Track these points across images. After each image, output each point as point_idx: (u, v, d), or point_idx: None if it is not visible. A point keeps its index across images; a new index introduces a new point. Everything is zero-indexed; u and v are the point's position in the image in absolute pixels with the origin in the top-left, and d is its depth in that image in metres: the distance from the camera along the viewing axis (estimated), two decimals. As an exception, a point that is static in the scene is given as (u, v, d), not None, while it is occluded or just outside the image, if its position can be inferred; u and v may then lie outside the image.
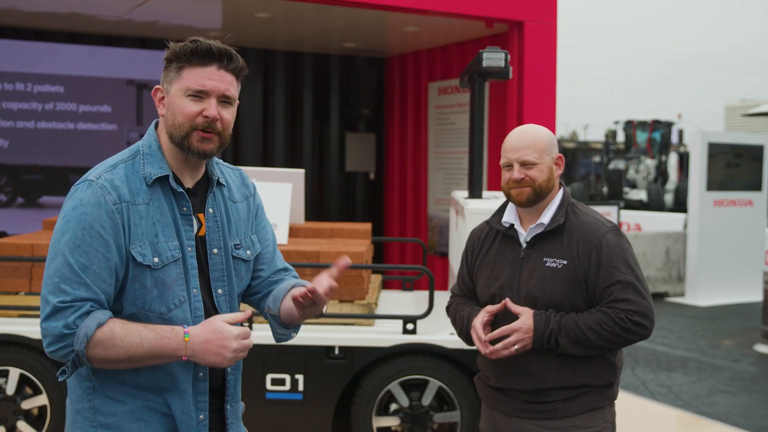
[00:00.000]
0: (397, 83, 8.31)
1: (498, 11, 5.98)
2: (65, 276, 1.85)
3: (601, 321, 2.44)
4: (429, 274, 4.39)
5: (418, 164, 8.01)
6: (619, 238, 2.52)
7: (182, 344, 1.89)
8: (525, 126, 2.67)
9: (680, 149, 22.72)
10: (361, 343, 4.25)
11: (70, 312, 1.84)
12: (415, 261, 7.85)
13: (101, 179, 1.93)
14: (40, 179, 7.29)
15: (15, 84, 7.17)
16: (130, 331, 1.87)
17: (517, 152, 2.56)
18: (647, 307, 2.47)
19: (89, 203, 1.89)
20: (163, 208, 1.97)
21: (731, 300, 10.53)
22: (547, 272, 2.52)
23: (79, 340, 1.83)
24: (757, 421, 5.64)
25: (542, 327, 2.46)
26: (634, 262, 2.51)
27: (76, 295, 1.84)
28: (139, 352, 1.86)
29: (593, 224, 2.54)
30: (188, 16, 6.70)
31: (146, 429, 1.96)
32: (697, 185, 10.55)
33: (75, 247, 1.86)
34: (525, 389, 2.56)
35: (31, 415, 4.27)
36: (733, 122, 57.27)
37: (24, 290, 4.44)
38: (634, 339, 2.49)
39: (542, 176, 2.55)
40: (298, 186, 5.05)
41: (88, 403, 1.97)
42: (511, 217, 2.65)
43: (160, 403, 1.97)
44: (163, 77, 2.02)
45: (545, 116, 6.06)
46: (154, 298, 1.93)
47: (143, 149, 2.02)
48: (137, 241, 1.91)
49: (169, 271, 1.94)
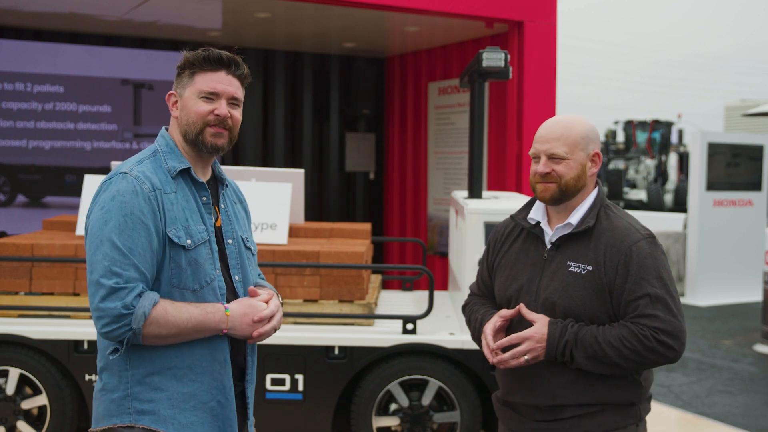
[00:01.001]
0: (397, 83, 8.31)
1: (498, 11, 5.98)
2: (115, 259, 2.01)
3: (623, 337, 2.20)
4: (429, 274, 4.39)
5: (418, 164, 8.01)
6: (653, 248, 2.27)
7: (224, 318, 2.12)
8: (562, 116, 2.41)
9: (680, 149, 22.72)
10: (360, 343, 4.25)
11: (126, 293, 2.00)
12: (414, 261, 7.85)
13: (134, 171, 2.11)
14: (37, 179, 7.29)
15: (15, 84, 7.17)
16: (180, 309, 2.06)
17: (546, 143, 2.34)
18: (677, 327, 2.21)
19: (127, 192, 2.06)
20: (188, 197, 2.17)
21: (731, 300, 10.53)
22: (570, 278, 2.29)
23: (137, 319, 2.00)
24: (757, 421, 5.64)
25: (556, 337, 2.24)
26: (667, 275, 2.26)
27: (128, 276, 2.01)
28: (188, 327, 2.06)
29: (625, 229, 2.30)
30: (188, 16, 6.70)
31: (181, 416, 2.10)
32: (696, 185, 10.55)
33: (120, 233, 2.02)
34: (536, 405, 2.34)
35: (31, 415, 4.27)
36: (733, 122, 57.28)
37: (24, 290, 4.44)
38: (659, 361, 2.22)
39: (571, 173, 2.32)
40: (298, 186, 5.05)
41: (124, 392, 2.09)
42: (538, 214, 2.43)
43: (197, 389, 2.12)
44: (177, 83, 2.24)
45: (545, 116, 6.03)
46: (188, 276, 2.11)
47: (161, 148, 2.22)
48: (172, 224, 2.10)
49: (201, 252, 2.13)
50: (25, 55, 7.15)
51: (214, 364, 2.14)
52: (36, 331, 4.21)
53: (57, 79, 7.29)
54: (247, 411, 2.30)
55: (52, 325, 4.27)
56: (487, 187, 6.55)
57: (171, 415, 2.09)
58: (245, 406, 2.29)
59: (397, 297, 5.36)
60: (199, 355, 2.12)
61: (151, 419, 2.08)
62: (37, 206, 7.37)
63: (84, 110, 7.39)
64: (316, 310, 4.43)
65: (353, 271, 4.45)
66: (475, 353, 4.23)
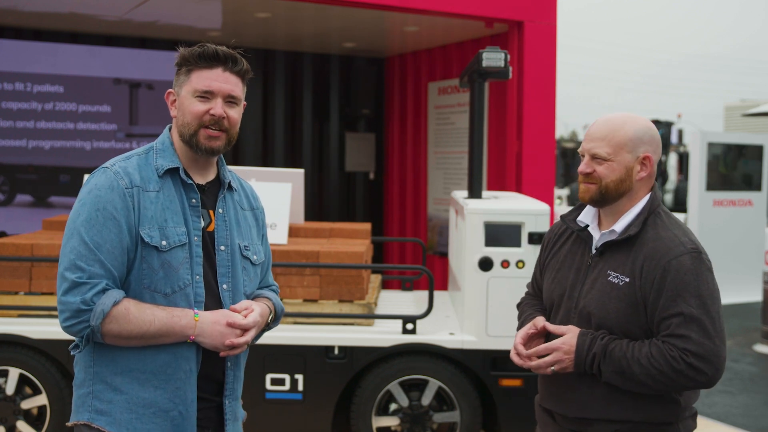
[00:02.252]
0: (397, 83, 8.31)
1: (498, 11, 5.98)
2: (81, 253, 1.98)
3: (651, 356, 2.08)
4: (428, 274, 4.39)
5: (418, 164, 8.01)
6: (697, 264, 2.11)
7: (192, 323, 2.04)
8: (616, 114, 2.28)
9: (680, 149, 22.71)
10: (360, 343, 4.25)
11: (87, 288, 1.96)
12: (414, 261, 7.85)
13: (115, 166, 2.08)
14: (34, 178, 7.29)
15: (15, 84, 7.17)
16: (143, 310, 2.00)
17: (590, 142, 2.24)
18: (711, 351, 2.06)
19: (103, 187, 2.03)
20: (172, 198, 2.10)
21: (731, 300, 10.51)
22: (607, 287, 2.19)
23: (95, 316, 1.95)
24: (756, 421, 5.64)
25: (585, 349, 2.16)
26: (709, 295, 2.09)
27: (92, 271, 1.97)
28: (151, 330, 2.00)
29: (669, 241, 2.15)
30: (188, 16, 6.70)
31: (137, 422, 2.04)
32: (696, 185, 10.55)
33: (90, 227, 1.99)
34: (568, 415, 2.28)
35: (31, 415, 4.27)
36: (733, 122, 57.27)
37: (24, 290, 4.44)
38: (688, 385, 2.10)
39: (612, 175, 2.20)
40: (298, 186, 5.05)
41: (88, 389, 2.07)
42: (588, 218, 2.34)
43: (158, 397, 2.05)
44: (175, 81, 2.18)
45: (545, 116, 6.06)
46: (160, 278, 2.04)
47: (156, 146, 2.17)
48: (146, 223, 2.04)
49: (176, 255, 2.06)
50: (25, 55, 7.15)
51: (178, 372, 2.06)
52: (36, 331, 4.21)
53: (57, 79, 7.28)
54: (225, 427, 2.17)
55: (52, 325, 4.27)
56: (487, 187, 6.55)
57: (127, 419, 2.03)
58: (222, 421, 2.17)
59: (397, 297, 5.36)
60: (163, 361, 2.04)
61: (106, 420, 2.03)
62: (37, 206, 7.37)
63: (84, 110, 7.40)
64: (316, 310, 4.43)
65: (353, 271, 4.45)
66: (475, 353, 4.23)
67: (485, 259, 4.19)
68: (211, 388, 2.15)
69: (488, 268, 4.19)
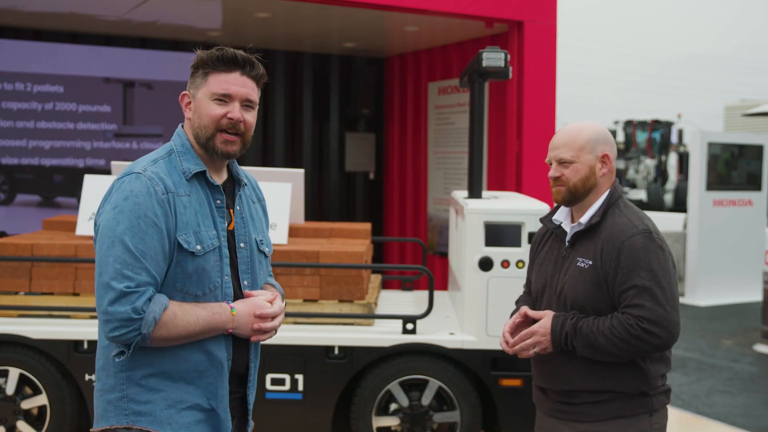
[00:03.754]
0: (397, 83, 8.31)
1: (498, 11, 5.98)
2: (127, 262, 1.97)
3: (612, 326, 2.38)
4: (429, 274, 4.39)
5: (418, 164, 8.01)
6: (647, 242, 2.41)
7: (230, 317, 2.10)
8: (573, 123, 2.61)
9: (680, 149, 22.71)
10: (360, 343, 4.25)
11: (136, 297, 1.97)
12: (414, 261, 7.85)
13: (147, 171, 2.06)
14: (31, 178, 7.29)
15: (15, 84, 7.17)
16: (188, 312, 2.04)
17: (554, 150, 2.55)
18: (662, 315, 2.35)
19: (141, 193, 2.01)
20: (201, 201, 2.12)
21: (731, 300, 10.53)
22: (576, 272, 2.49)
23: (147, 324, 1.97)
24: (756, 421, 5.64)
25: (558, 329, 2.46)
26: (659, 267, 2.39)
27: (139, 280, 1.98)
28: (196, 329, 2.05)
29: (623, 225, 2.46)
30: (188, 15, 6.70)
31: (177, 416, 2.08)
32: (696, 185, 10.55)
33: (133, 235, 1.98)
34: (555, 389, 2.57)
35: (31, 415, 4.27)
36: (733, 122, 57.25)
37: (24, 290, 4.44)
38: (645, 348, 2.38)
39: (577, 176, 2.51)
40: (298, 186, 5.05)
41: (120, 393, 2.07)
42: (561, 216, 2.64)
43: (191, 393, 2.10)
44: (190, 83, 2.17)
45: (545, 116, 6.06)
46: (193, 282, 2.08)
47: (177, 148, 2.16)
48: (183, 229, 2.06)
49: (209, 258, 2.10)
50: (25, 55, 7.14)
51: (211, 369, 2.12)
52: (36, 331, 4.21)
53: (57, 79, 7.28)
54: (247, 416, 2.29)
55: (52, 325, 4.28)
56: (487, 187, 6.55)
57: (167, 415, 2.07)
58: (245, 411, 2.28)
59: (397, 297, 5.36)
60: (197, 360, 2.10)
61: (148, 420, 2.06)
62: (39, 206, 7.37)
63: (84, 110, 7.39)
64: (316, 310, 4.43)
65: (353, 271, 4.45)
66: (475, 353, 4.23)
67: (485, 259, 4.19)
68: (236, 381, 2.22)
69: (488, 268, 4.20)
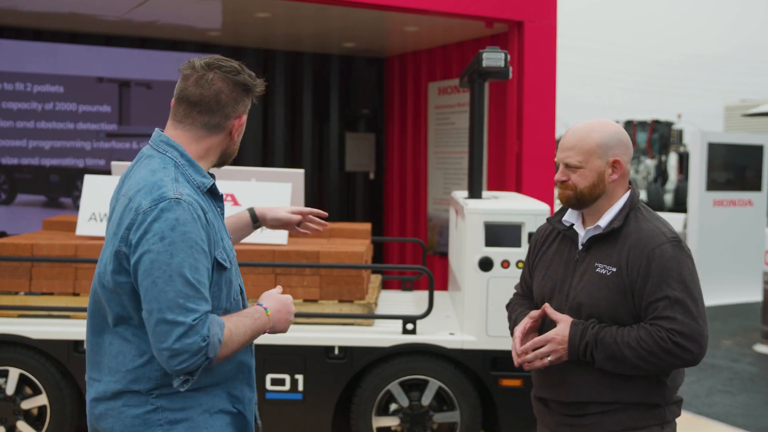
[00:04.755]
0: (397, 83, 8.31)
1: (498, 11, 5.98)
2: (189, 295, 1.94)
3: (640, 338, 2.22)
4: (429, 274, 4.39)
5: (418, 164, 8.01)
6: (677, 251, 2.27)
7: (267, 319, 2.13)
8: (585, 122, 2.42)
9: (680, 149, 22.71)
10: (360, 343, 4.25)
11: (201, 326, 1.95)
12: (414, 261, 7.85)
13: (184, 196, 1.99)
14: (29, 178, 7.29)
15: (15, 84, 7.16)
16: (237, 325, 2.05)
17: (562, 152, 2.38)
18: (695, 330, 2.21)
19: (187, 221, 1.97)
20: (215, 213, 2.14)
21: (731, 300, 10.52)
22: (596, 278, 2.33)
23: (214, 347, 1.96)
24: (756, 421, 5.64)
25: (577, 338, 2.29)
26: (691, 279, 2.25)
27: (202, 309, 1.96)
28: (245, 339, 2.07)
29: (651, 232, 2.31)
30: (188, 16, 6.70)
31: (211, 420, 2.08)
32: (696, 185, 10.55)
33: (190, 267, 1.95)
34: (562, 401, 2.41)
35: (31, 415, 4.27)
36: (733, 122, 57.26)
37: (24, 290, 4.44)
38: (676, 363, 2.24)
39: (585, 182, 2.35)
40: (298, 186, 5.05)
41: (151, 406, 2.03)
42: (572, 217, 2.47)
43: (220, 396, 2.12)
44: (241, 105, 2.19)
45: (545, 116, 6.06)
46: (224, 296, 2.09)
47: (178, 160, 2.08)
48: (217, 246, 2.06)
49: (232, 269, 2.13)
50: (25, 55, 7.14)
51: (239, 375, 2.17)
52: (36, 331, 4.21)
53: (57, 79, 7.28)
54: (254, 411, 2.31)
55: (52, 325, 4.27)
56: (487, 187, 6.55)
57: (204, 420, 2.07)
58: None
59: (397, 297, 5.36)
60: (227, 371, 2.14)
61: (186, 426, 2.04)
62: (39, 206, 7.37)
63: (84, 110, 7.39)
64: (316, 310, 4.43)
65: (353, 271, 4.45)
66: (475, 353, 4.23)
67: (485, 259, 4.19)
68: None
69: (488, 268, 4.20)
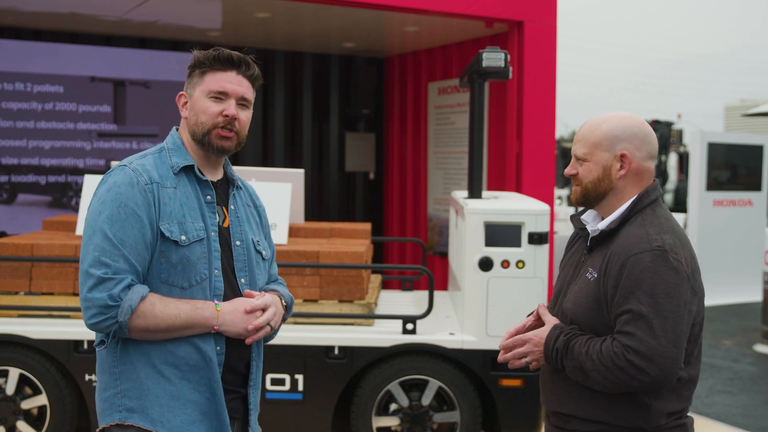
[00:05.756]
0: (397, 83, 8.31)
1: (498, 11, 5.98)
2: (105, 249, 2.01)
3: (600, 352, 2.06)
4: (429, 274, 4.39)
5: (418, 164, 8.01)
6: (657, 262, 2.04)
7: (215, 314, 2.10)
8: (601, 115, 2.25)
9: (680, 149, 22.72)
10: (360, 343, 4.25)
11: (113, 284, 2.00)
12: (414, 261, 7.85)
13: (133, 164, 2.12)
14: (29, 178, 7.29)
15: (15, 84, 7.16)
16: (168, 304, 2.05)
17: (574, 144, 2.24)
18: (653, 350, 1.99)
19: (123, 184, 2.06)
20: (189, 194, 2.15)
21: (731, 300, 10.52)
22: (583, 283, 2.19)
23: (123, 311, 1.99)
24: (756, 421, 5.64)
25: (551, 343, 2.16)
26: (664, 294, 2.02)
27: (117, 267, 2.00)
28: (177, 323, 2.05)
29: (636, 238, 2.10)
30: (188, 15, 6.71)
31: (169, 415, 2.08)
32: (696, 185, 10.55)
33: (113, 223, 2.03)
34: (549, 408, 2.30)
35: (31, 415, 4.27)
36: (733, 122, 57.24)
37: (24, 290, 4.44)
38: (630, 383, 2.03)
39: (590, 176, 2.20)
40: (298, 186, 5.05)
41: (114, 390, 2.09)
42: (590, 217, 2.31)
43: (184, 388, 2.10)
44: (187, 83, 2.23)
45: (545, 116, 6.06)
46: (178, 273, 2.09)
47: (167, 146, 2.22)
48: (166, 218, 2.09)
49: (194, 250, 2.11)
50: (25, 55, 7.15)
51: (200, 362, 2.12)
52: (36, 331, 4.21)
53: (57, 79, 7.28)
54: (249, 417, 2.27)
55: (52, 325, 4.27)
56: (487, 187, 6.55)
57: (159, 413, 2.07)
58: (247, 411, 2.27)
59: (397, 297, 5.36)
60: (185, 352, 2.10)
61: (140, 417, 2.07)
62: (36, 206, 7.37)
63: (84, 110, 7.39)
64: (316, 310, 4.43)
65: (353, 271, 4.45)
66: (475, 353, 4.23)
67: (485, 259, 4.19)
68: (236, 381, 2.22)
69: (488, 268, 4.19)
